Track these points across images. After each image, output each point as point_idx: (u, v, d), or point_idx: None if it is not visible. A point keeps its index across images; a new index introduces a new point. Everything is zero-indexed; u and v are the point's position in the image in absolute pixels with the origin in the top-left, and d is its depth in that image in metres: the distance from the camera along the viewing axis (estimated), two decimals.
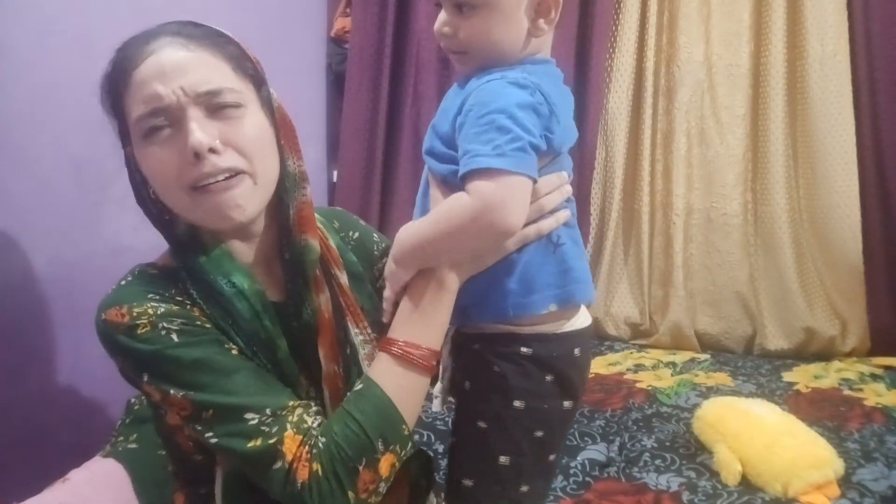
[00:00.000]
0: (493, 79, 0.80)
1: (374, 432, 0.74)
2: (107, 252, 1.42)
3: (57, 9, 1.32)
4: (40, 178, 1.30)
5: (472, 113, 0.78)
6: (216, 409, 0.73)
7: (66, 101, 1.35)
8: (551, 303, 0.83)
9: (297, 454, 0.72)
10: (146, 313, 0.75)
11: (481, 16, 0.81)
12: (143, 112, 0.75)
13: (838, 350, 2.24)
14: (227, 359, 0.76)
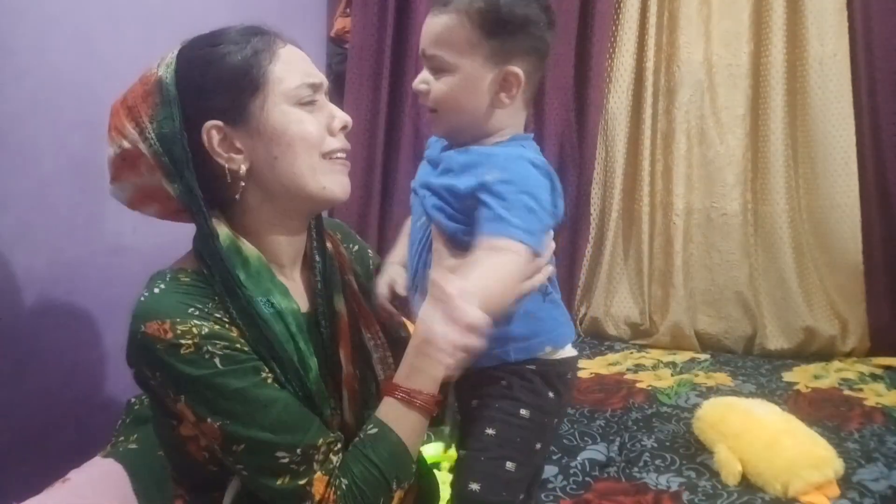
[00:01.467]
0: (511, 153, 0.88)
1: (391, 474, 0.80)
2: (107, 252, 1.42)
3: (57, 9, 1.32)
4: (40, 178, 1.30)
5: (508, 186, 0.85)
6: (248, 443, 0.75)
7: (66, 101, 1.35)
8: (547, 345, 0.94)
9: (324, 495, 0.76)
10: (190, 332, 0.75)
11: (448, 79, 0.89)
12: (302, 82, 0.84)
13: (838, 350, 2.24)
14: (264, 390, 0.78)
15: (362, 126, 2.44)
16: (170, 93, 0.80)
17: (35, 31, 1.28)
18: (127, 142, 0.82)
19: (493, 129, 0.93)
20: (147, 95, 0.81)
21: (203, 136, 0.81)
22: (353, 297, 0.96)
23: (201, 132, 0.81)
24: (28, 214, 1.27)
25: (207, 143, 0.81)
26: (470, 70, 0.88)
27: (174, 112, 0.80)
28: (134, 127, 0.81)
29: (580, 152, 2.44)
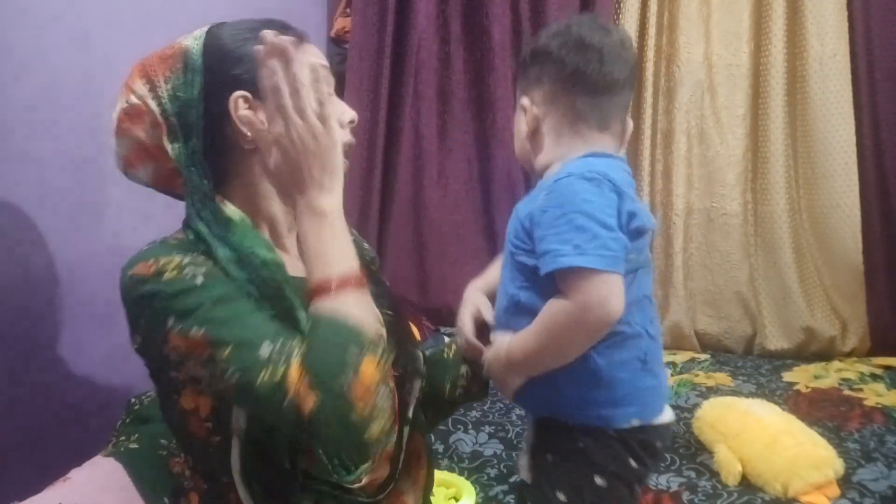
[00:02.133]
0: (560, 177, 0.86)
1: (341, 343, 0.74)
2: (107, 252, 1.42)
3: (57, 9, 1.32)
4: (40, 178, 1.30)
5: (547, 214, 0.83)
6: (235, 344, 0.74)
7: (66, 101, 1.35)
8: (634, 418, 0.87)
9: (300, 383, 0.72)
10: (172, 261, 0.79)
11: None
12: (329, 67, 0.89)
13: (838, 350, 2.24)
14: (246, 302, 0.79)
15: (362, 126, 2.44)
16: (195, 62, 0.84)
17: (35, 30, 1.28)
18: (135, 97, 0.85)
19: (542, 161, 0.95)
20: (166, 59, 0.84)
21: (230, 104, 0.83)
22: None
23: (224, 101, 0.83)
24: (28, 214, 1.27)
25: (234, 111, 0.83)
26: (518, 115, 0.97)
27: (196, 79, 0.83)
28: (145, 83, 0.84)
29: None
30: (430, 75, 2.40)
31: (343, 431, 0.72)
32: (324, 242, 0.79)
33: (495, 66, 2.36)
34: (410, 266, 2.45)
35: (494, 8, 2.34)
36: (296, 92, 0.77)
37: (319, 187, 0.79)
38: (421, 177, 2.44)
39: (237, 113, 0.84)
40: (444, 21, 2.40)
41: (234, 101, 0.83)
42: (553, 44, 0.91)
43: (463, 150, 2.45)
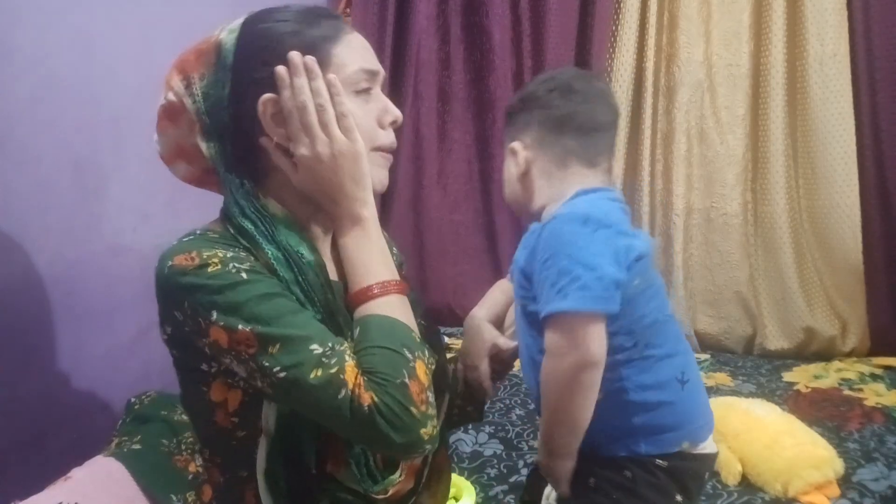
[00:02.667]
0: (547, 222, 0.87)
1: (397, 344, 0.77)
2: (107, 252, 1.42)
3: (57, 8, 1.32)
4: (40, 178, 1.30)
5: (537, 259, 0.85)
6: (283, 341, 0.74)
7: (66, 101, 1.35)
8: (684, 440, 0.87)
9: (357, 382, 0.73)
10: (216, 255, 0.77)
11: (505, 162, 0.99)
12: (365, 67, 0.84)
13: (838, 350, 2.24)
14: (291, 301, 0.79)
15: None
16: (227, 59, 0.82)
17: (35, 31, 1.28)
18: (172, 94, 0.83)
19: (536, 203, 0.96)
20: (202, 55, 0.83)
21: (259, 107, 0.81)
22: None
23: (254, 102, 0.81)
24: (28, 214, 1.27)
25: (262, 115, 0.81)
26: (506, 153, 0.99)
27: (226, 78, 0.81)
28: (181, 80, 0.83)
29: None
30: (430, 75, 2.40)
31: (402, 428, 0.73)
32: (364, 251, 0.82)
33: (495, 66, 2.36)
34: (410, 266, 2.45)
35: (494, 8, 2.34)
36: (321, 108, 0.79)
37: (353, 199, 0.82)
38: (421, 177, 2.44)
39: (265, 117, 0.82)
40: (444, 21, 2.40)
41: (262, 105, 0.81)
42: (541, 90, 0.96)
43: (463, 150, 2.45)
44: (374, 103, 0.86)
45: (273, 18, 0.84)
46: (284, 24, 0.83)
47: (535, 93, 0.96)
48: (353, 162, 0.80)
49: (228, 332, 0.75)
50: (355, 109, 0.83)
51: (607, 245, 0.82)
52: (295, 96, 0.79)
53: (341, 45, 0.83)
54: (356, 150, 0.80)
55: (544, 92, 0.95)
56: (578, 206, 0.89)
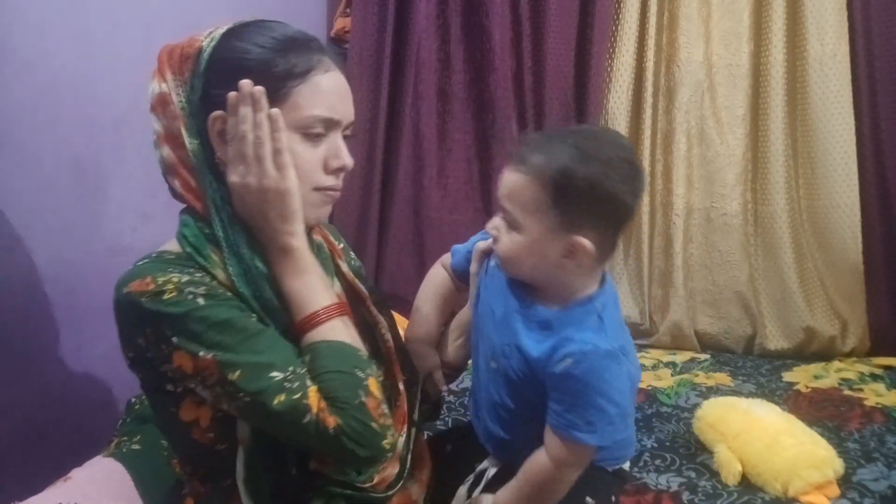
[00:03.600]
0: (586, 349, 0.88)
1: (349, 367, 0.80)
2: (107, 252, 1.42)
3: (57, 8, 1.32)
4: (40, 178, 1.30)
5: (570, 383, 0.88)
6: (244, 368, 0.77)
7: (66, 101, 1.35)
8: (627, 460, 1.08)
9: (320, 406, 0.77)
10: (171, 281, 0.79)
11: (516, 236, 0.91)
12: (317, 115, 0.85)
13: (838, 350, 2.24)
14: (251, 322, 0.81)
15: (362, 126, 2.44)
16: (201, 67, 0.83)
17: (35, 30, 1.28)
18: (165, 86, 0.85)
19: (560, 290, 0.94)
20: (186, 59, 0.84)
21: (209, 122, 0.83)
22: (346, 278, 0.99)
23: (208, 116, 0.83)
24: (28, 214, 1.27)
25: (210, 130, 0.84)
26: (537, 233, 0.89)
27: (199, 85, 0.83)
28: (172, 78, 0.84)
29: None
30: (430, 75, 2.40)
31: (366, 444, 0.78)
32: (299, 281, 0.84)
33: (495, 66, 2.36)
34: (410, 266, 2.45)
35: (494, 8, 2.34)
36: (258, 141, 0.80)
37: (280, 231, 0.83)
38: (421, 177, 2.44)
39: (213, 133, 0.84)
40: (444, 21, 2.39)
41: (212, 121, 0.83)
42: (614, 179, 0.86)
43: (463, 150, 2.45)
44: (324, 147, 0.87)
45: (250, 39, 0.85)
46: (257, 49, 0.84)
47: (605, 187, 0.86)
48: (280, 198, 0.82)
49: (192, 358, 0.77)
50: (300, 149, 0.84)
51: (627, 379, 0.92)
52: (237, 123, 0.81)
53: (307, 85, 0.84)
54: (285, 186, 0.82)
55: (613, 185, 0.86)
56: (608, 331, 0.91)
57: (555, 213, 0.87)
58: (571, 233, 0.87)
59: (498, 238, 0.93)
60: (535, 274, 0.93)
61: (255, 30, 0.86)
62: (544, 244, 0.89)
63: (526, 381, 0.93)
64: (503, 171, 0.93)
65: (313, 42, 0.88)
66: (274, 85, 0.82)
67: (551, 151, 0.88)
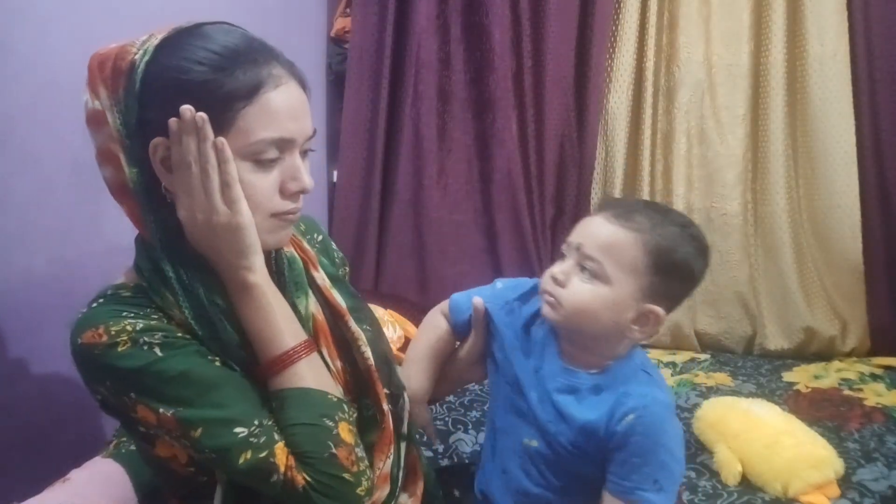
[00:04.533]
0: (647, 401, 0.88)
1: (315, 417, 0.77)
2: (107, 252, 1.41)
3: (57, 8, 1.32)
4: (40, 178, 1.30)
5: (635, 441, 0.87)
6: (204, 425, 0.73)
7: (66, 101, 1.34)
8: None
9: (288, 464, 0.74)
10: (124, 330, 0.74)
11: (598, 287, 0.89)
12: (267, 138, 0.76)
13: (838, 350, 2.24)
14: (211, 370, 0.77)
15: (362, 126, 2.44)
16: (135, 87, 0.74)
17: (35, 31, 1.28)
18: (99, 103, 0.76)
19: (606, 351, 0.94)
20: (119, 75, 0.75)
21: (150, 148, 0.75)
22: (323, 293, 0.92)
23: (147, 141, 0.75)
24: (28, 214, 1.27)
25: (152, 156, 0.76)
26: (624, 292, 0.89)
27: (134, 106, 0.75)
28: (106, 96, 0.76)
29: (580, 152, 2.44)
30: (430, 75, 2.40)
31: (338, 497, 0.75)
32: (259, 319, 0.79)
33: (495, 66, 2.36)
34: (410, 266, 2.45)
35: (494, 8, 2.34)
36: (205, 174, 0.74)
37: (235, 267, 0.78)
38: (421, 177, 2.44)
39: (154, 160, 0.76)
40: (444, 21, 2.39)
41: (153, 147, 0.75)
42: (700, 267, 0.95)
43: (463, 150, 2.45)
44: (278, 171, 0.79)
45: (189, 54, 0.75)
46: (197, 68, 0.74)
47: (694, 271, 0.94)
48: (232, 233, 0.76)
49: (153, 413, 0.74)
50: (251, 178, 0.77)
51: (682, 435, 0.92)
52: (181, 155, 0.74)
53: (255, 106, 0.75)
54: (237, 222, 0.75)
55: (700, 270, 0.95)
56: (660, 384, 0.94)
57: (648, 279, 0.89)
58: (653, 301, 0.90)
59: (563, 282, 0.91)
60: (596, 329, 0.91)
61: (193, 41, 0.77)
62: (625, 303, 0.89)
63: (580, 454, 0.92)
64: (590, 218, 0.94)
65: (261, 51, 0.78)
66: (218, 109, 0.74)
67: (656, 220, 0.92)
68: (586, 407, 0.92)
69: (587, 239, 0.91)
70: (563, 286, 0.91)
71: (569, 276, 0.91)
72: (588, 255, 0.90)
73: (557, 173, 2.47)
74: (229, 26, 0.81)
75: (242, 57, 0.76)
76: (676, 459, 0.88)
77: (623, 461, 0.88)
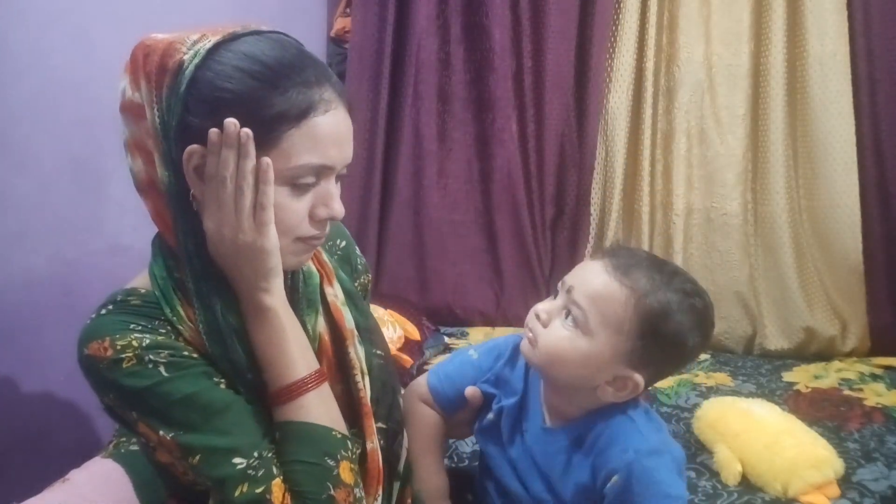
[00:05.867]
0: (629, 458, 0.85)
1: (318, 456, 0.75)
2: (107, 252, 1.42)
3: (57, 8, 1.32)
4: (40, 178, 1.30)
5: (627, 497, 0.84)
6: (204, 452, 0.73)
7: (66, 101, 1.35)
8: None
9: (284, 501, 0.73)
10: (130, 346, 0.73)
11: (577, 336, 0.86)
12: (309, 164, 0.75)
13: (838, 350, 2.24)
14: (216, 394, 0.75)
15: (362, 126, 2.44)
16: (180, 88, 0.72)
17: (35, 31, 1.28)
18: (139, 95, 0.75)
19: (586, 401, 0.91)
20: (164, 72, 0.73)
21: (184, 155, 0.73)
22: (334, 310, 0.89)
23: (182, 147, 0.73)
24: (28, 214, 1.27)
25: (185, 164, 0.74)
26: (604, 349, 0.85)
27: (178, 108, 0.72)
28: (147, 90, 0.74)
29: (580, 152, 2.44)
30: (430, 75, 2.40)
31: None
32: (272, 345, 0.77)
33: (495, 66, 2.36)
34: (410, 266, 2.45)
35: (494, 8, 2.34)
36: (240, 191, 0.72)
37: (254, 288, 0.77)
38: (421, 177, 2.44)
39: (188, 168, 0.74)
40: (444, 21, 2.39)
41: (188, 154, 0.73)
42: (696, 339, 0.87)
43: (463, 150, 2.45)
44: (312, 195, 0.77)
45: (242, 66, 0.73)
46: (248, 80, 0.72)
47: (686, 343, 0.86)
48: (255, 255, 0.74)
49: (153, 432, 0.74)
50: (286, 202, 0.75)
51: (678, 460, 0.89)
52: (218, 168, 0.71)
53: (302, 129, 0.73)
54: (262, 245, 0.74)
55: (694, 343, 0.87)
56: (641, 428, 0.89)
57: (631, 343, 0.84)
58: (632, 368, 0.86)
59: (547, 324, 0.88)
60: (567, 379, 0.89)
61: (248, 49, 0.74)
62: (601, 362, 0.86)
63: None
64: (590, 262, 0.89)
65: (315, 69, 0.76)
66: (264, 127, 0.72)
67: (657, 282, 0.85)
68: (574, 466, 0.90)
69: (579, 284, 0.87)
70: (544, 326, 0.89)
71: (552, 317, 0.89)
72: (575, 300, 0.86)
73: (557, 173, 2.47)
74: (285, 38, 0.79)
75: (296, 76, 0.74)
76: (672, 498, 0.86)
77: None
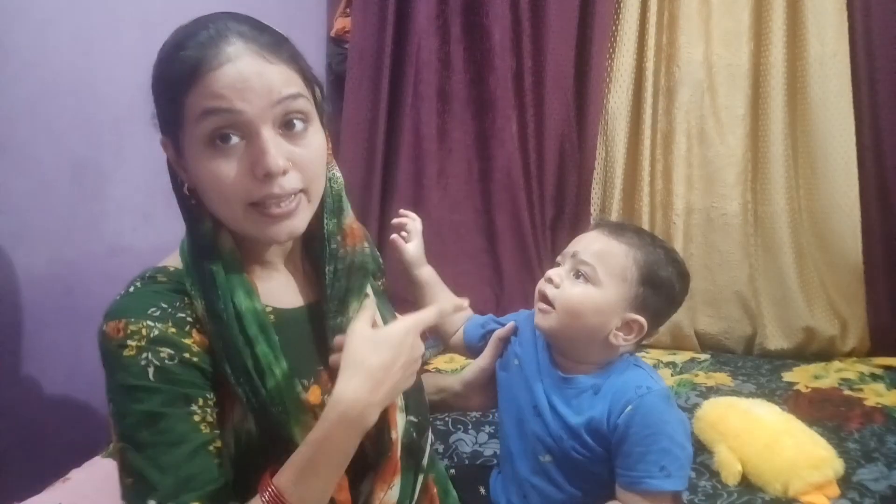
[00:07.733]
0: (642, 393, 0.94)
1: None
2: (106, 252, 1.42)
3: (57, 9, 1.32)
4: (40, 178, 1.30)
5: (634, 431, 0.92)
6: (136, 479, 0.71)
7: (66, 101, 1.35)
8: None
9: None
10: (139, 333, 0.73)
11: (589, 289, 0.98)
12: (216, 122, 0.71)
13: (838, 350, 2.24)
14: (180, 426, 0.72)
15: (362, 126, 2.44)
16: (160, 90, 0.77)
17: (35, 31, 1.28)
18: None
19: (599, 356, 1.01)
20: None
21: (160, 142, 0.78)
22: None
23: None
24: (28, 214, 1.27)
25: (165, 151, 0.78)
26: (612, 295, 0.98)
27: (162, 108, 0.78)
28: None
29: (580, 152, 2.44)
30: (430, 75, 2.40)
31: None
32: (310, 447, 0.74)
33: (495, 66, 2.36)
34: None
35: (494, 8, 2.34)
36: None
37: (368, 403, 0.75)
38: (421, 177, 2.44)
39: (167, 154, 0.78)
40: (444, 21, 2.39)
41: (162, 144, 0.78)
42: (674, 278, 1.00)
43: (463, 150, 2.45)
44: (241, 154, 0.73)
45: (160, 53, 0.76)
46: (158, 64, 0.75)
47: (675, 287, 1.01)
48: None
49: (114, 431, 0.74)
50: (209, 165, 0.72)
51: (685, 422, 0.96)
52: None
53: (199, 88, 0.71)
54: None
55: (681, 289, 1.02)
56: (653, 375, 1.00)
57: (635, 289, 0.98)
58: (636, 312, 0.98)
59: (557, 287, 1.00)
60: (584, 334, 0.99)
61: (167, 42, 0.75)
62: (612, 308, 0.98)
63: (591, 457, 0.96)
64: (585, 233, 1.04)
65: (215, 28, 0.72)
66: (174, 103, 0.73)
67: (645, 240, 1.01)
68: (588, 407, 0.97)
69: (583, 248, 1.01)
70: (557, 287, 1.00)
71: (563, 279, 1.01)
72: (583, 259, 0.99)
73: (557, 173, 2.47)
74: (211, 14, 0.77)
75: (189, 41, 0.72)
76: (678, 444, 0.91)
77: (627, 453, 0.92)
